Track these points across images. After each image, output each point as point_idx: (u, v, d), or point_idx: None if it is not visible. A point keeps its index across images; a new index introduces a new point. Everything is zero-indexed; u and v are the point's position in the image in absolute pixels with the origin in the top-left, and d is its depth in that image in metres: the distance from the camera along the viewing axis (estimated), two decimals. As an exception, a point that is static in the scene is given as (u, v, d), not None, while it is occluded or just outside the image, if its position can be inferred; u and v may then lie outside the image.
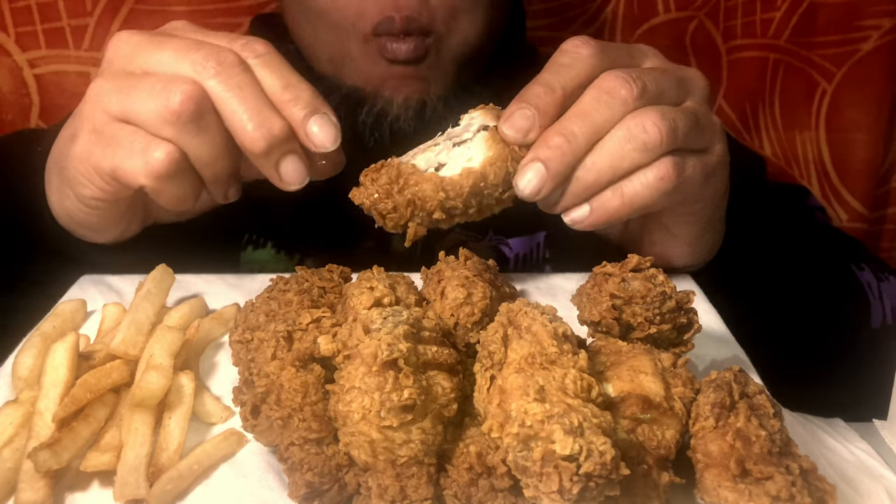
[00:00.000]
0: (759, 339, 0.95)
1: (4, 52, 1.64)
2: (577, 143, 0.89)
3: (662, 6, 1.87)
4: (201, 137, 0.89)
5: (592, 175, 0.90)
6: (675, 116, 0.91)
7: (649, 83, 0.91)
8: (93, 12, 1.65)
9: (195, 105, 0.86)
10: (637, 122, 0.88)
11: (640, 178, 0.90)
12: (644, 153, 0.89)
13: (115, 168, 0.90)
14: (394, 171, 0.91)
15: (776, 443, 0.66)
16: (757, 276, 1.19)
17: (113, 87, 0.91)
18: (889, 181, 1.98)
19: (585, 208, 0.92)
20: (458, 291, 0.83)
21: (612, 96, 0.89)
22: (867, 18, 1.84)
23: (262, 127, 0.88)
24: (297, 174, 0.93)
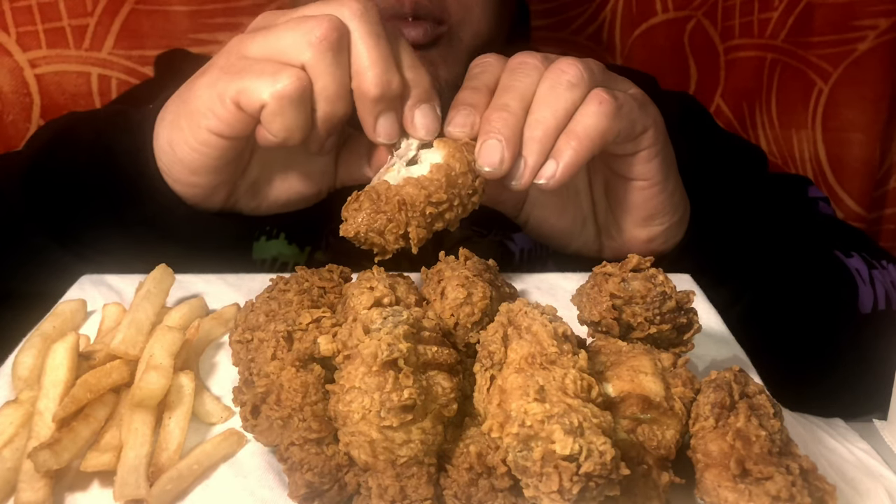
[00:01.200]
0: (746, 321, 0.96)
1: (5, 52, 1.64)
2: (513, 108, 0.95)
3: (661, 6, 1.87)
4: (334, 69, 0.91)
5: (540, 128, 0.94)
6: (584, 61, 0.98)
7: (549, 56, 0.99)
8: (93, 12, 1.65)
9: (338, 34, 0.90)
10: (554, 70, 0.96)
11: (583, 112, 0.95)
12: (573, 90, 0.95)
13: (240, 91, 0.92)
14: (372, 192, 0.92)
15: (776, 443, 0.66)
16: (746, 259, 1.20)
17: (253, 35, 0.95)
18: (887, 182, 1.99)
19: (551, 163, 0.95)
20: (458, 291, 0.83)
21: (523, 66, 0.98)
22: (864, 18, 1.84)
23: (384, 76, 0.92)
24: (388, 131, 0.96)
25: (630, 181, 1.08)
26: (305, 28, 0.90)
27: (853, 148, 1.92)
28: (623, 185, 1.09)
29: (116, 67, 1.69)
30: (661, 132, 1.06)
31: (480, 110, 0.96)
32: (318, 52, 0.90)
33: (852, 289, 1.29)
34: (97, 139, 1.11)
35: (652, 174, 1.07)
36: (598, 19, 1.90)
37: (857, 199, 1.95)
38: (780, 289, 1.22)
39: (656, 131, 1.04)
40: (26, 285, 1.07)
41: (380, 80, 0.92)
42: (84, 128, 1.16)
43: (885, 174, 1.98)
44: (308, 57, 0.91)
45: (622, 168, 1.07)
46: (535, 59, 0.98)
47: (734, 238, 1.20)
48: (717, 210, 1.16)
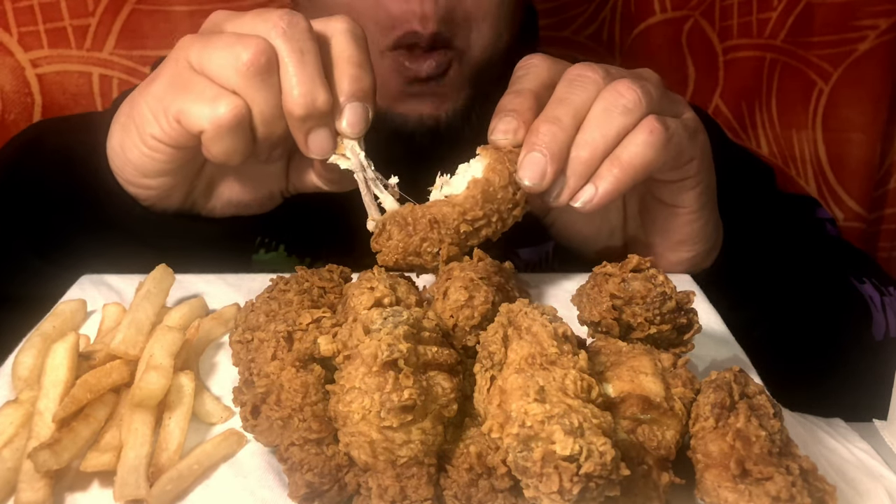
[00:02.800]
0: (762, 347, 0.95)
1: (7, 52, 1.64)
2: (564, 123, 0.92)
3: (659, 6, 1.87)
4: (265, 93, 0.92)
5: (587, 150, 0.92)
6: (643, 83, 0.95)
7: (611, 70, 0.96)
8: (94, 12, 1.65)
9: (264, 60, 0.90)
10: (611, 91, 0.93)
11: (632, 140, 0.93)
12: (627, 115, 0.92)
13: (181, 111, 0.93)
14: (397, 217, 0.93)
15: (776, 443, 0.66)
16: (762, 284, 1.19)
17: (196, 40, 0.95)
18: (887, 182, 1.99)
19: (590, 188, 0.93)
20: (460, 293, 0.82)
21: (583, 80, 0.94)
22: (864, 18, 1.84)
23: (308, 95, 0.91)
24: (320, 148, 0.96)
25: (667, 206, 1.07)
26: (234, 53, 0.90)
27: (853, 148, 1.92)
28: (659, 208, 1.08)
29: (117, 67, 1.69)
30: (707, 162, 1.05)
31: (524, 116, 0.95)
32: (245, 78, 0.91)
33: (868, 317, 1.29)
34: (61, 145, 1.13)
35: (690, 203, 1.06)
36: (597, 19, 1.90)
37: (858, 199, 1.95)
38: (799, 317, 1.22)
39: (702, 161, 1.03)
40: (14, 290, 1.08)
41: (304, 100, 0.91)
42: (50, 136, 1.19)
43: (886, 174, 1.98)
44: (237, 84, 0.91)
45: (661, 193, 1.06)
46: (595, 73, 0.95)
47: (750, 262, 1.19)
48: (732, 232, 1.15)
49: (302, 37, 0.92)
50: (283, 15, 0.92)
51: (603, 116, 0.93)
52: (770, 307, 1.18)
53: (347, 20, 0.97)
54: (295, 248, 1.33)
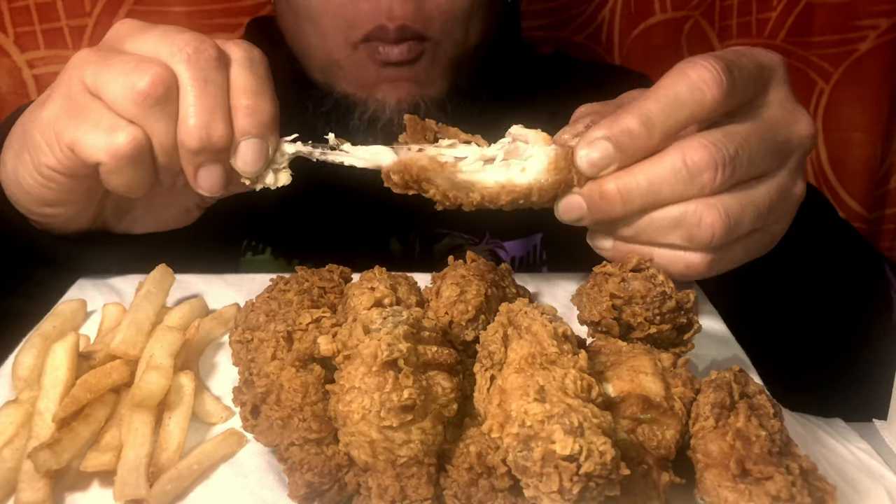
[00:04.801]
0: (763, 348, 0.93)
1: (3, 53, 1.64)
2: (631, 207, 0.85)
3: (659, 6, 1.87)
4: (164, 123, 0.87)
5: (630, 232, 0.87)
6: (741, 215, 0.84)
7: (739, 166, 0.83)
8: (91, 13, 1.65)
9: (163, 89, 0.85)
10: (696, 213, 0.83)
11: (670, 255, 0.87)
12: (687, 243, 0.85)
13: (75, 140, 0.87)
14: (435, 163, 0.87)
15: (776, 443, 0.66)
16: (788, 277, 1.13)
17: (93, 58, 0.89)
18: (888, 182, 1.99)
19: (609, 243, 0.90)
20: (452, 290, 0.83)
21: (692, 176, 0.82)
22: (864, 18, 1.84)
23: (203, 128, 0.86)
24: (210, 185, 0.92)
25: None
26: (130, 80, 0.85)
27: (854, 148, 1.92)
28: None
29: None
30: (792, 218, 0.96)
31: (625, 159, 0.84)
32: (142, 108, 0.86)
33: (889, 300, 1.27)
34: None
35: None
36: (597, 19, 1.90)
37: (858, 199, 1.95)
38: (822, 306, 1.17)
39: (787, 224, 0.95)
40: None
41: (198, 132, 0.86)
42: None
43: (886, 174, 1.98)
44: (133, 114, 0.86)
45: None
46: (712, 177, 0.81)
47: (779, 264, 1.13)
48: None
49: (207, 65, 0.87)
50: (190, 39, 0.87)
51: (667, 227, 0.85)
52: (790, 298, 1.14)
53: (244, 46, 0.91)
54: (282, 251, 1.33)
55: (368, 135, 1.24)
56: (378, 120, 1.24)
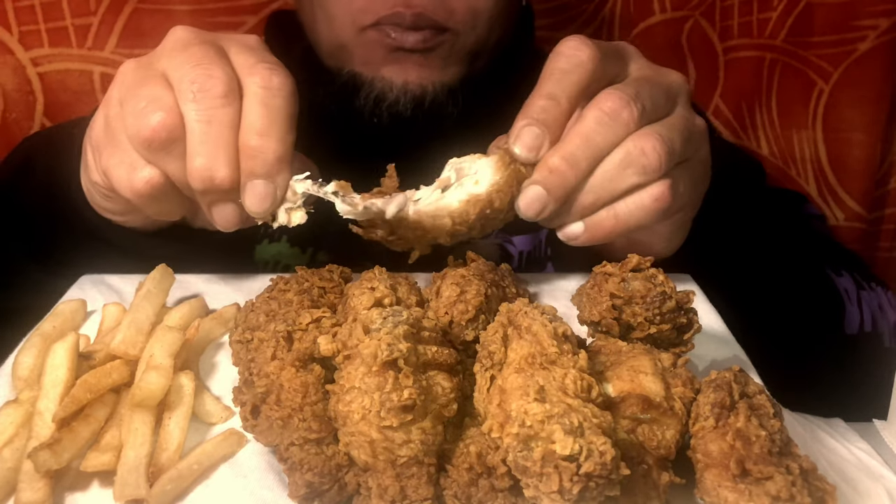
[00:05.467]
0: (761, 347, 0.95)
1: (8, 51, 1.64)
2: (580, 168, 0.89)
3: (658, 6, 1.87)
4: (175, 164, 0.88)
5: (591, 197, 0.91)
6: (671, 135, 0.91)
7: (646, 102, 0.91)
8: (96, 11, 1.65)
9: (166, 134, 0.86)
10: (637, 146, 0.89)
11: (636, 200, 0.91)
12: (642, 176, 0.89)
13: (107, 169, 0.91)
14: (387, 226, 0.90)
15: (776, 443, 0.66)
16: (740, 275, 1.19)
17: (128, 79, 0.91)
18: (888, 182, 1.99)
19: (580, 225, 0.93)
20: (452, 289, 0.83)
21: (614, 119, 0.89)
22: (864, 18, 1.84)
23: (208, 170, 0.86)
24: (224, 222, 0.93)
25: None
26: (137, 125, 0.86)
27: (854, 148, 1.92)
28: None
29: (119, 66, 1.70)
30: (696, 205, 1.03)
31: (553, 132, 0.90)
32: (150, 152, 0.87)
33: (839, 308, 1.29)
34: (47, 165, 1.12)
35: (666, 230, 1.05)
36: (597, 19, 1.90)
37: (858, 199, 1.95)
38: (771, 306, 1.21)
39: (689, 209, 1.02)
40: (14, 300, 1.07)
41: (200, 174, 0.86)
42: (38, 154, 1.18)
43: (886, 174, 1.98)
44: (146, 156, 0.88)
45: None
46: (630, 112, 0.89)
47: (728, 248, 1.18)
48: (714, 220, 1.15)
49: (213, 104, 0.85)
50: (198, 76, 0.86)
51: (618, 171, 0.89)
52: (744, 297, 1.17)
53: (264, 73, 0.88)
54: (298, 239, 1.33)
55: (375, 114, 1.25)
56: (384, 99, 1.24)
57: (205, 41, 0.90)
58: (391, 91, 1.24)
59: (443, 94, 1.24)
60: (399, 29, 1.18)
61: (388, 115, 1.24)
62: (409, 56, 1.21)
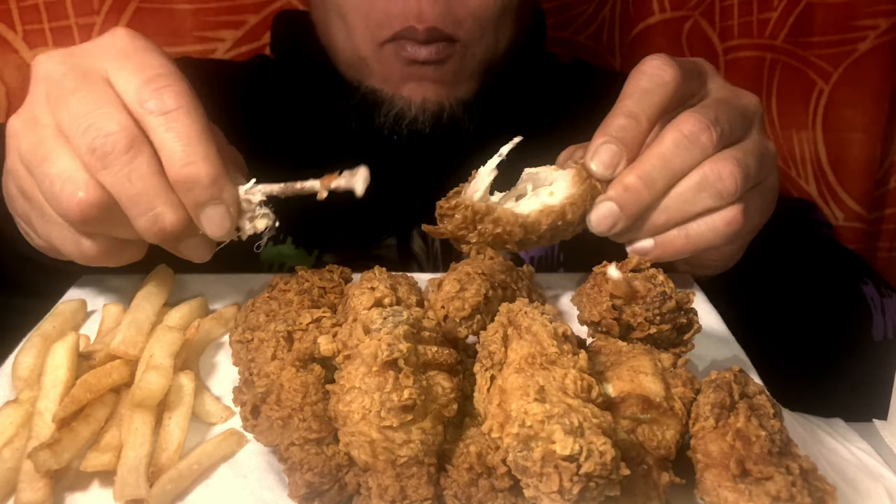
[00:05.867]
0: (763, 348, 0.95)
1: (12, 50, 1.65)
2: (655, 188, 0.90)
3: (657, 6, 1.87)
4: (116, 226, 0.84)
5: (664, 217, 0.91)
6: (747, 160, 0.91)
7: (725, 126, 0.91)
8: (100, 11, 1.66)
9: (93, 210, 0.80)
10: (714, 170, 0.89)
11: (708, 222, 0.92)
12: (717, 200, 0.90)
13: (51, 242, 0.87)
14: (469, 211, 0.90)
15: (776, 443, 0.66)
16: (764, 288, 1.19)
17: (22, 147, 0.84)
18: (887, 182, 1.99)
19: (650, 242, 0.93)
20: (453, 285, 0.83)
21: (693, 142, 0.89)
22: (864, 18, 1.84)
23: (154, 225, 0.82)
24: (197, 256, 0.90)
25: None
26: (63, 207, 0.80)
27: (854, 148, 1.92)
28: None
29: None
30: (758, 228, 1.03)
31: (631, 151, 0.90)
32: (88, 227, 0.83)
33: (868, 317, 1.29)
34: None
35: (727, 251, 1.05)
36: (597, 19, 1.90)
37: (858, 199, 1.95)
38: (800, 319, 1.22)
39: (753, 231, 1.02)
40: None
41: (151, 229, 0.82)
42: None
43: (886, 174, 1.98)
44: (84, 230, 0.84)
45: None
46: (710, 136, 0.89)
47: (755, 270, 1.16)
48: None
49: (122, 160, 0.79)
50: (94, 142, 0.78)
51: (694, 193, 0.90)
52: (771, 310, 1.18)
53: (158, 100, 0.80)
54: (302, 241, 1.33)
55: (395, 131, 1.26)
56: (403, 117, 1.26)
57: (81, 78, 0.83)
58: (410, 109, 1.25)
59: (459, 109, 1.27)
60: (414, 43, 1.19)
61: (407, 131, 1.26)
62: (423, 69, 1.22)
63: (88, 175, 0.80)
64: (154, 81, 0.81)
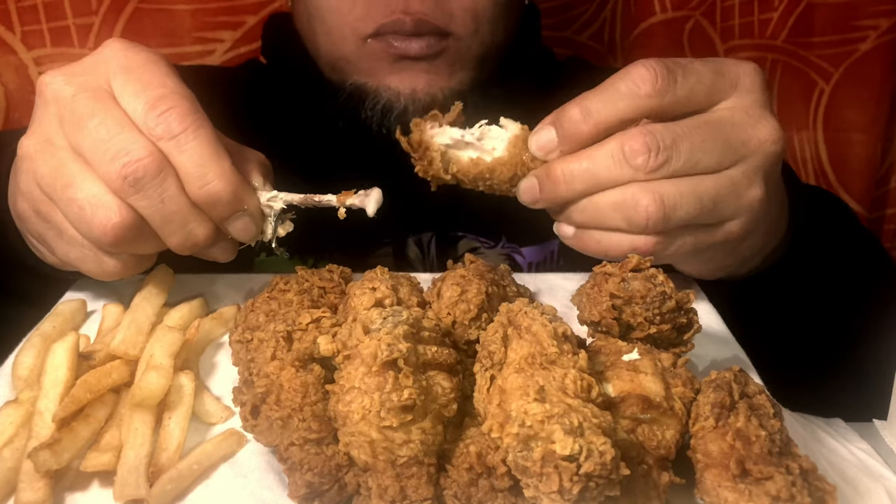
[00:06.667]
0: (763, 348, 0.94)
1: (10, 51, 1.65)
2: (573, 187, 0.88)
3: (659, 6, 1.87)
4: (142, 245, 0.86)
5: (580, 217, 0.91)
6: (681, 201, 0.86)
7: (677, 156, 0.86)
8: (98, 11, 1.66)
9: (124, 232, 0.82)
10: (633, 197, 0.86)
11: (619, 238, 0.89)
12: (628, 225, 0.87)
13: (70, 262, 0.89)
14: (418, 135, 0.93)
15: (776, 443, 0.66)
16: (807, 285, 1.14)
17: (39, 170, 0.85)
18: (888, 182, 1.99)
19: (570, 230, 0.93)
20: (453, 290, 0.83)
21: (627, 160, 0.85)
22: (865, 18, 1.84)
23: (187, 241, 0.86)
24: (223, 258, 0.93)
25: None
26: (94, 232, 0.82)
27: (854, 148, 1.92)
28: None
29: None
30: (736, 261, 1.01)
31: (568, 143, 0.88)
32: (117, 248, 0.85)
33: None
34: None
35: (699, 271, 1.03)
36: (598, 19, 1.90)
37: (859, 200, 1.95)
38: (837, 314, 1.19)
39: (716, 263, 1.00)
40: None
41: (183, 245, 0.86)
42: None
43: (886, 174, 1.98)
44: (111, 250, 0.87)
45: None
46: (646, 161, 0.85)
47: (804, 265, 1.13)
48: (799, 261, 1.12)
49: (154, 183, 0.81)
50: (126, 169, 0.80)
51: (609, 209, 0.88)
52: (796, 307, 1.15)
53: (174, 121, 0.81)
54: (298, 250, 1.33)
55: (383, 124, 1.23)
56: (391, 110, 1.22)
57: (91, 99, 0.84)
58: (399, 101, 1.22)
59: (452, 101, 1.24)
60: (401, 37, 1.17)
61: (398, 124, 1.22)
62: (414, 65, 1.20)
63: (118, 199, 0.81)
64: (157, 105, 0.81)
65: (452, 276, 0.85)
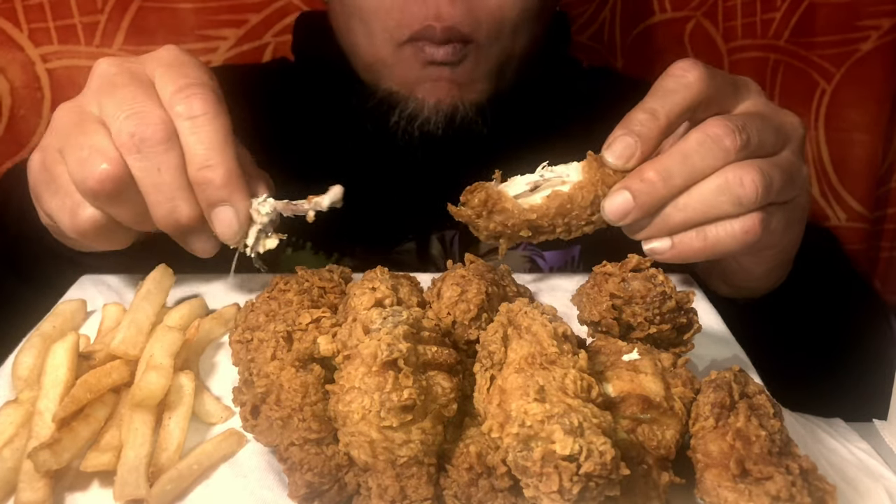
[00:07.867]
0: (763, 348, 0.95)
1: (17, 47, 1.66)
2: (673, 183, 0.89)
3: (658, 6, 1.87)
4: (122, 207, 0.89)
5: (681, 216, 0.90)
6: (772, 173, 0.90)
7: (752, 135, 0.90)
8: (103, 9, 1.68)
9: (112, 184, 0.86)
10: (736, 176, 0.88)
11: (727, 227, 0.91)
12: (736, 206, 0.89)
13: (50, 213, 0.93)
14: (483, 193, 0.93)
15: (776, 443, 0.66)
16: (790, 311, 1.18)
17: (62, 128, 0.91)
18: (889, 181, 1.98)
19: (667, 242, 0.92)
20: (452, 290, 0.83)
21: (716, 144, 0.88)
22: (866, 19, 1.84)
23: (170, 215, 0.89)
24: (203, 251, 0.95)
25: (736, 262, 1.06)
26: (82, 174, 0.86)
27: (856, 148, 1.92)
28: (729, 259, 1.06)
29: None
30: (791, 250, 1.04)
31: (646, 144, 0.91)
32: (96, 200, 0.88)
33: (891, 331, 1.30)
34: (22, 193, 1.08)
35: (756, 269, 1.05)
36: (598, 19, 1.90)
37: (860, 199, 1.95)
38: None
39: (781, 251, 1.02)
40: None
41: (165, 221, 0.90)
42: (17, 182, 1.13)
43: (888, 173, 1.98)
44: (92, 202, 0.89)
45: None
46: (733, 141, 0.88)
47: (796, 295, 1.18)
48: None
49: (156, 150, 0.86)
50: (135, 128, 0.86)
51: (713, 196, 0.89)
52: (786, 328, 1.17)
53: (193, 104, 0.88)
54: (322, 245, 1.34)
55: (407, 131, 1.26)
56: (416, 118, 1.26)
57: (130, 77, 0.91)
58: (423, 110, 1.25)
59: (472, 112, 1.26)
60: (432, 44, 1.20)
61: (419, 132, 1.25)
62: (440, 70, 1.23)
63: (119, 154, 0.86)
64: (186, 89, 0.89)
65: (452, 276, 0.85)
